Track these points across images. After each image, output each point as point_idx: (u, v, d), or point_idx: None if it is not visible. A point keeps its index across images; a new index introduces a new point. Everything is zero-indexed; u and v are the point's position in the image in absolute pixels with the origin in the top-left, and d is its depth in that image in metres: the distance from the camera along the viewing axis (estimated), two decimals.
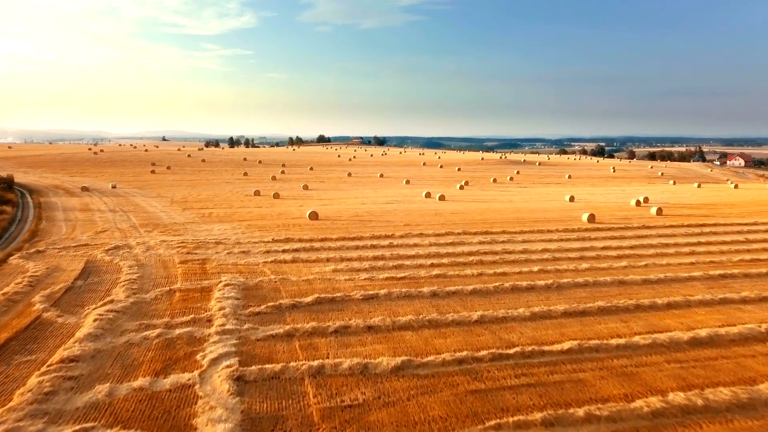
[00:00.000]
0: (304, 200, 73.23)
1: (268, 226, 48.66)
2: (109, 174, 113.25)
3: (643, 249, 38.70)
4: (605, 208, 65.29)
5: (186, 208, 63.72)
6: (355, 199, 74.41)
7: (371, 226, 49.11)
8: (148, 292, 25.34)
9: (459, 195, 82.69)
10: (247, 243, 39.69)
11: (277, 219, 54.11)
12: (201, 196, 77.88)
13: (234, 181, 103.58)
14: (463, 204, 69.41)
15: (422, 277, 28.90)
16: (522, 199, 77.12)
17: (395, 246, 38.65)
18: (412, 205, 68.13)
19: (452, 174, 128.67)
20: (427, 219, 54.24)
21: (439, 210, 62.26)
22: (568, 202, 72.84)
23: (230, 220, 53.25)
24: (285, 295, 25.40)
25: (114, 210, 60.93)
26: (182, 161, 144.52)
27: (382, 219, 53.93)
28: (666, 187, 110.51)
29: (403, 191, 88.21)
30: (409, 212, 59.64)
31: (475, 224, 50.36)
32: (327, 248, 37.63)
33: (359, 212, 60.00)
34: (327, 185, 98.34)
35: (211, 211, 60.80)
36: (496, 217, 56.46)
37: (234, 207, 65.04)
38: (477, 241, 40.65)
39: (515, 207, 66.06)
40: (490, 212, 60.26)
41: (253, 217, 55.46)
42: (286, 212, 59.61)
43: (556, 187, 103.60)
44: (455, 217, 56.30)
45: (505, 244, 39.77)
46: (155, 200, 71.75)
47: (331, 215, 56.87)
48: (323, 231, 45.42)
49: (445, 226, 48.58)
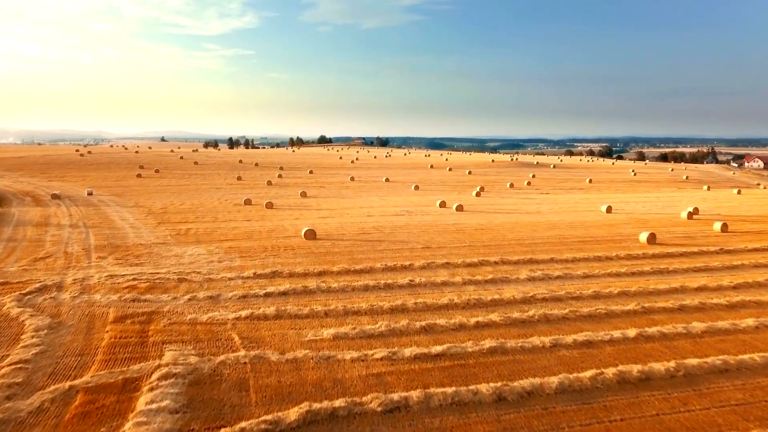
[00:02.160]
0: (301, 211, 63.38)
1: (253, 250, 38.86)
2: (92, 178, 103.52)
3: (758, 291, 28.72)
4: (655, 222, 55.33)
5: (162, 221, 53.95)
6: (359, 210, 64.55)
7: (382, 249, 39.27)
8: (28, 398, 15.38)
9: (477, 204, 72.75)
10: (220, 280, 29.83)
11: (266, 238, 44.27)
12: (184, 205, 68.13)
13: (225, 186, 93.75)
14: (485, 216, 59.47)
15: (470, 356, 18.93)
16: (551, 209, 67.17)
17: (418, 285, 28.74)
18: (426, 217, 58.27)
19: (463, 178, 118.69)
20: (449, 238, 44.37)
21: (460, 224, 52.36)
22: (606, 214, 62.88)
23: (209, 240, 43.46)
24: (255, 402, 15.44)
25: (75, 225, 51.15)
26: (173, 164, 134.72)
27: (394, 238, 44.07)
28: (702, 193, 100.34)
29: (413, 199, 78.31)
30: (425, 228, 49.78)
31: (511, 247, 40.47)
32: (326, 290, 27.72)
33: (365, 228, 50.15)
34: (328, 191, 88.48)
35: (190, 226, 51.01)
36: (532, 235, 46.53)
37: (218, 220, 55.23)
38: (525, 277, 30.73)
39: (548, 221, 56.09)
40: (521, 228, 50.33)
41: (237, 236, 45.65)
42: (278, 228, 49.77)
43: (581, 194, 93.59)
44: (483, 235, 46.39)
45: (563, 282, 29.86)
46: (130, 211, 62.01)
47: (331, 232, 47.02)
48: (322, 258, 35.58)
49: (475, 250, 38.71)
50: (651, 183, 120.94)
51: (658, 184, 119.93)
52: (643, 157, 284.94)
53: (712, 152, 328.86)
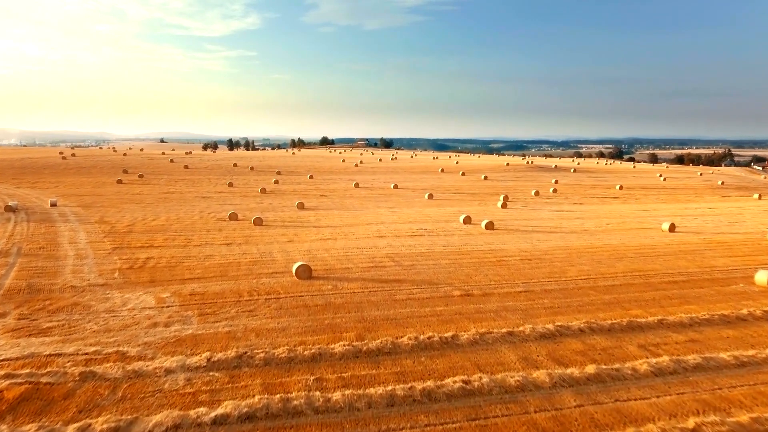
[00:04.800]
0: (296, 229, 51.92)
1: (222, 300, 27.48)
2: (66, 184, 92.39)
3: None
4: (742, 247, 43.74)
5: (120, 245, 42.65)
6: (367, 228, 53.06)
7: (404, 298, 27.81)
8: None
9: (506, 218, 61.16)
10: (151, 375, 18.39)
11: (244, 276, 32.82)
12: (158, 220, 56.81)
13: (212, 195, 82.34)
14: (524, 238, 47.87)
15: None
16: (598, 226, 55.53)
17: (477, 393, 17.26)
18: (451, 239, 46.78)
19: (480, 184, 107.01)
20: (492, 275, 32.88)
21: (498, 251, 40.85)
22: (670, 233, 51.25)
23: (168, 279, 32.11)
24: None
25: (6, 252, 39.89)
26: (161, 168, 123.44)
27: (417, 276, 32.59)
28: (758, 203, 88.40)
29: (429, 211, 66.79)
30: (454, 257, 38.29)
31: (584, 293, 28.98)
32: (322, 409, 16.20)
33: (377, 256, 38.71)
34: (329, 201, 76.97)
35: (152, 254, 39.69)
36: (599, 269, 34.97)
37: (191, 244, 43.86)
38: (646, 369, 19.15)
39: (607, 245, 44.49)
40: (580, 257, 38.74)
41: (208, 271, 34.25)
42: (263, 258, 38.33)
43: (619, 203, 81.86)
44: (535, 269, 34.87)
45: (714, 378, 18.34)
46: (89, 229, 50.72)
47: (333, 265, 35.58)
48: (318, 320, 24.17)
49: (537, 300, 27.24)
50: (688, 190, 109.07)
51: (696, 191, 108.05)
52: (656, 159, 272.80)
53: (729, 154, 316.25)
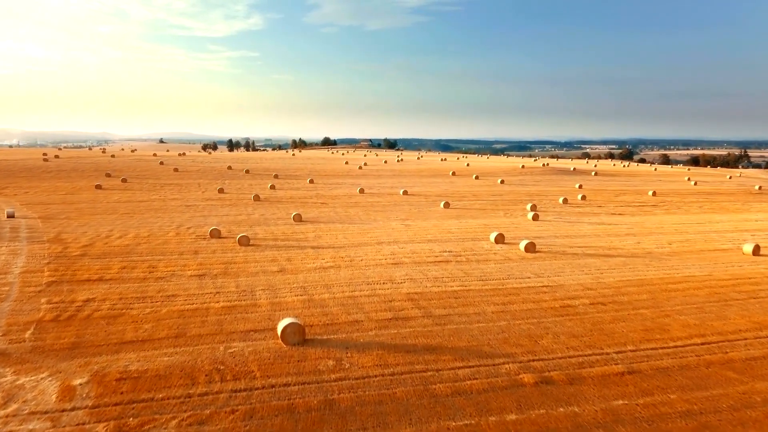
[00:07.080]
0: (289, 252, 41.83)
1: (160, 396, 17.58)
2: (39, 190, 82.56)
3: None
4: None
5: (59, 279, 32.73)
6: (378, 250, 42.93)
7: (446, 378, 17.78)
8: None
9: (543, 234, 50.93)
10: None
11: (207, 341, 22.74)
12: (124, 237, 46.93)
13: (199, 203, 72.32)
14: (578, 264, 37.67)
15: None
16: (659, 246, 45.30)
17: None
18: (487, 266, 36.68)
19: (498, 189, 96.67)
20: (562, 333, 22.80)
21: (556, 289, 30.69)
22: (757, 257, 41.06)
23: (96, 345, 22.18)
24: None
25: None
26: (148, 171, 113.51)
27: (456, 337, 22.50)
28: None
29: (449, 224, 56.60)
30: (502, 302, 28.19)
31: (729, 384, 18.89)
32: None
33: (396, 299, 28.59)
34: (331, 211, 66.80)
35: (93, 294, 29.73)
36: (715, 325, 24.88)
37: (152, 276, 33.84)
38: None
39: (696, 279, 34.30)
40: (666, 299, 28.58)
41: (157, 330, 24.23)
42: (241, 302, 28.26)
43: (662, 213, 71.49)
44: (617, 323, 24.75)
45: None
46: (33, 251, 40.89)
47: (335, 316, 25.46)
48: None
49: (652, 389, 17.39)
50: (727, 196, 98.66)
51: (736, 197, 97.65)
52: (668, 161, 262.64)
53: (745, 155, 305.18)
